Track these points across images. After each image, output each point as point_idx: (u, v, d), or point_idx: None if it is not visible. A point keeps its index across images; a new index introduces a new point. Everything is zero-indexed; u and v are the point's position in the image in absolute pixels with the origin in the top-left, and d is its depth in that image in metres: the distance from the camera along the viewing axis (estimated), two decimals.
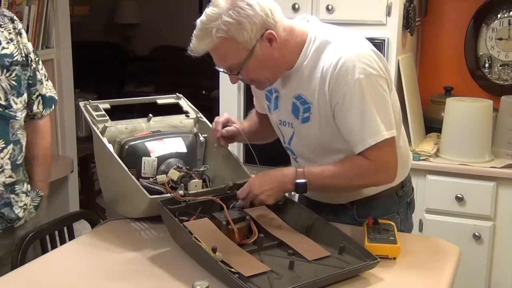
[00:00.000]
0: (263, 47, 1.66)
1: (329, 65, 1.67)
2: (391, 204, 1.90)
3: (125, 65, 6.66)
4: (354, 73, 1.63)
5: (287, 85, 1.78)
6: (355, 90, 1.64)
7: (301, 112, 1.76)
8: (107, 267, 1.63)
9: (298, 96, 1.76)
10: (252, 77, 1.74)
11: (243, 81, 1.79)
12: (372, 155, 1.67)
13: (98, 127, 1.93)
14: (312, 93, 1.72)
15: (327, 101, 1.69)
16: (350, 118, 1.67)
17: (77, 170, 3.36)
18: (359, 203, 1.87)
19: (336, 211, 1.89)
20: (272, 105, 1.88)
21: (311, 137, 1.78)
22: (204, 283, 1.31)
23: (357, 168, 1.70)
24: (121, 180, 1.83)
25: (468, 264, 2.62)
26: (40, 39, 2.99)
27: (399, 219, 1.92)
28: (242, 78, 1.74)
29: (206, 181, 1.96)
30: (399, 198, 1.92)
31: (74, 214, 2.32)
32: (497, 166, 2.70)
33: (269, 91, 1.87)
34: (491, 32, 3.03)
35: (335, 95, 1.67)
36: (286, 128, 1.85)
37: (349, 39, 1.72)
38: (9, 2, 2.79)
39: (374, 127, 1.66)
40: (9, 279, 1.60)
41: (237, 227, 1.67)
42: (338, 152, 1.76)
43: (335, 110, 1.69)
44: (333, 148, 1.76)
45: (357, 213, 1.88)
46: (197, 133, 2.08)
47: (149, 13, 6.67)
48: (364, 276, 1.56)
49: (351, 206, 1.88)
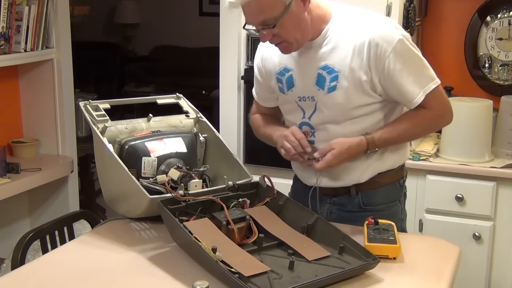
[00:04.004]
0: (298, 5, 1.72)
1: (364, 33, 1.76)
2: (394, 192, 1.97)
3: (125, 65, 6.66)
4: (394, 35, 1.76)
5: (310, 57, 1.83)
6: (401, 50, 1.76)
7: (328, 81, 1.81)
8: (107, 267, 1.63)
9: (324, 66, 1.81)
10: (284, 36, 1.75)
11: (272, 42, 1.78)
12: (430, 103, 1.80)
13: (98, 127, 1.93)
14: (341, 61, 1.78)
15: (365, 68, 1.76)
16: (403, 75, 1.77)
17: (77, 170, 3.36)
18: (363, 192, 1.91)
19: (341, 201, 1.93)
20: (285, 85, 1.90)
21: (335, 106, 1.82)
22: (204, 283, 1.31)
23: (422, 121, 1.84)
24: (121, 180, 1.83)
25: (468, 264, 2.62)
26: (40, 39, 2.99)
27: (400, 207, 1.99)
28: (274, 34, 1.75)
29: (206, 181, 1.96)
30: (400, 187, 1.98)
31: (74, 214, 2.32)
32: (497, 166, 2.70)
33: (280, 73, 1.90)
34: (491, 32, 3.03)
35: (380, 61, 1.75)
36: (307, 103, 1.87)
37: (372, 13, 1.84)
38: (9, 2, 2.80)
39: (429, 75, 1.81)
40: (9, 279, 1.60)
41: (237, 227, 1.67)
42: (359, 121, 1.83)
43: (385, 75, 1.76)
44: (355, 116, 1.82)
45: (363, 201, 1.91)
46: (197, 133, 2.08)
47: (149, 13, 6.67)
48: (364, 276, 1.56)
49: (356, 194, 1.91)
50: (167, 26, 6.51)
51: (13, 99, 3.18)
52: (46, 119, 3.18)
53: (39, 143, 3.19)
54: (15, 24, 2.86)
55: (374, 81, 1.78)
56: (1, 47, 2.79)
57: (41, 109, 3.17)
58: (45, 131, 3.19)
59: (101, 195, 2.13)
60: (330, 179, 1.91)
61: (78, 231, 2.30)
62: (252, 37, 2.98)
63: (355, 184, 1.91)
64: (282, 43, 1.78)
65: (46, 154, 3.19)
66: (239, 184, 1.85)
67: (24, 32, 2.89)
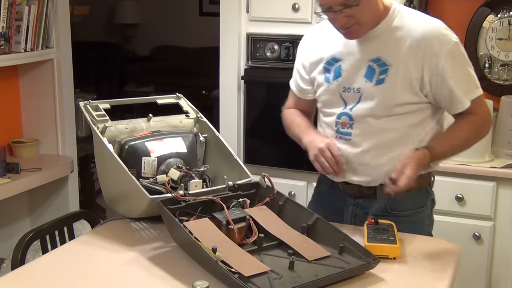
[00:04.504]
0: None
1: (421, 30, 1.79)
2: (420, 198, 1.96)
3: (125, 65, 6.66)
4: (450, 37, 1.80)
5: (363, 48, 1.85)
6: (456, 52, 1.80)
7: (377, 74, 1.83)
8: (107, 267, 1.63)
9: (376, 58, 1.83)
10: (359, 18, 1.77)
11: (347, 24, 1.79)
12: (475, 108, 1.83)
13: (98, 127, 1.93)
14: (394, 55, 1.81)
15: (418, 65, 1.78)
16: (455, 77, 1.79)
17: (77, 170, 3.36)
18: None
19: (366, 203, 1.92)
20: (332, 75, 1.91)
21: (380, 100, 1.82)
22: (204, 283, 1.31)
23: (472, 125, 1.85)
24: (121, 180, 1.83)
25: (468, 264, 2.62)
26: (40, 39, 2.99)
27: (427, 213, 1.98)
28: (350, 16, 1.76)
29: (206, 181, 1.96)
30: (427, 193, 1.98)
31: (74, 214, 2.32)
32: (497, 166, 2.70)
33: (328, 62, 1.92)
34: (491, 32, 3.02)
35: (435, 59, 1.77)
36: (351, 95, 1.87)
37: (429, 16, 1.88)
38: (9, 2, 2.80)
39: (476, 81, 1.85)
40: (9, 279, 1.60)
41: (237, 227, 1.67)
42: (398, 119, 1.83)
43: (437, 74, 1.78)
44: (396, 113, 1.83)
45: (389, 205, 1.89)
46: (197, 133, 2.08)
47: (149, 13, 6.68)
48: (364, 276, 1.56)
49: (382, 197, 1.88)
50: (167, 26, 6.51)
51: (13, 99, 3.18)
52: (46, 119, 3.18)
53: (39, 143, 3.19)
54: (15, 24, 2.86)
55: (424, 80, 1.79)
56: (1, 47, 2.79)
57: (41, 109, 3.17)
58: (45, 131, 3.19)
59: (101, 195, 2.13)
60: (356, 174, 1.90)
61: (78, 231, 2.30)
62: (252, 37, 2.98)
63: (381, 185, 1.88)
64: (354, 26, 1.79)
65: (46, 154, 3.19)
66: (239, 184, 1.85)
67: (24, 32, 2.89)
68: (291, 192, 2.91)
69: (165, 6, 6.56)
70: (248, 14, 2.99)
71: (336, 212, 1.95)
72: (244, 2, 2.98)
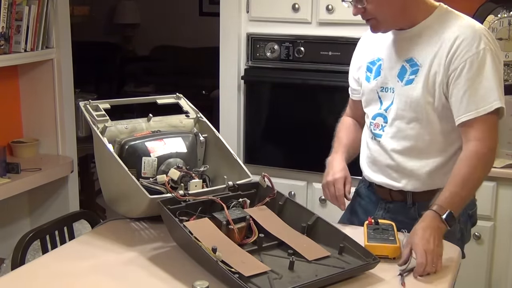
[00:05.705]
0: None
1: (455, 31, 1.77)
2: None
3: (125, 65, 6.66)
4: (480, 43, 1.74)
5: (399, 48, 1.86)
6: (481, 59, 1.73)
7: (407, 74, 1.83)
8: (107, 267, 1.63)
9: (409, 59, 1.83)
10: (377, 11, 1.78)
11: (364, 17, 1.81)
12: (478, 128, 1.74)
13: (98, 127, 1.93)
14: (426, 56, 1.80)
15: (444, 65, 1.76)
16: (465, 84, 1.74)
17: (77, 170, 3.36)
18: (420, 203, 1.87)
19: (396, 208, 1.92)
20: (373, 74, 1.93)
21: (409, 100, 1.82)
22: (204, 283, 1.31)
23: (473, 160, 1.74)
24: (121, 180, 1.83)
25: (468, 264, 2.62)
26: (40, 39, 2.99)
27: (459, 227, 1.90)
28: (365, 9, 1.77)
29: (206, 181, 1.96)
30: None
31: (74, 214, 2.32)
32: (497, 166, 2.69)
33: (372, 62, 1.94)
34: (491, 32, 3.02)
35: (458, 58, 1.74)
36: (387, 94, 1.89)
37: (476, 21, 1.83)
38: (9, 2, 2.80)
39: (485, 97, 1.73)
40: (9, 279, 1.60)
41: (237, 227, 1.67)
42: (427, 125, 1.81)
43: (455, 74, 1.75)
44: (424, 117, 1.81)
45: (419, 212, 1.79)
46: (197, 133, 2.08)
47: (149, 13, 6.68)
48: (364, 276, 1.56)
49: (412, 205, 1.90)
50: (167, 26, 6.51)
51: (13, 99, 3.18)
52: (46, 119, 3.18)
53: (39, 143, 3.19)
54: (15, 24, 2.86)
55: (449, 82, 1.77)
56: (1, 47, 2.79)
57: (41, 109, 3.17)
58: (45, 131, 3.19)
59: (101, 195, 2.13)
60: (386, 177, 1.91)
61: (78, 231, 2.30)
62: (252, 37, 2.98)
63: (412, 192, 1.88)
64: (372, 20, 1.81)
65: (46, 154, 3.19)
66: (239, 184, 1.85)
67: (24, 32, 2.89)
68: (291, 192, 2.91)
69: (165, 6, 6.56)
70: (248, 14, 2.99)
71: (366, 214, 1.93)
72: (244, 2, 2.98)
